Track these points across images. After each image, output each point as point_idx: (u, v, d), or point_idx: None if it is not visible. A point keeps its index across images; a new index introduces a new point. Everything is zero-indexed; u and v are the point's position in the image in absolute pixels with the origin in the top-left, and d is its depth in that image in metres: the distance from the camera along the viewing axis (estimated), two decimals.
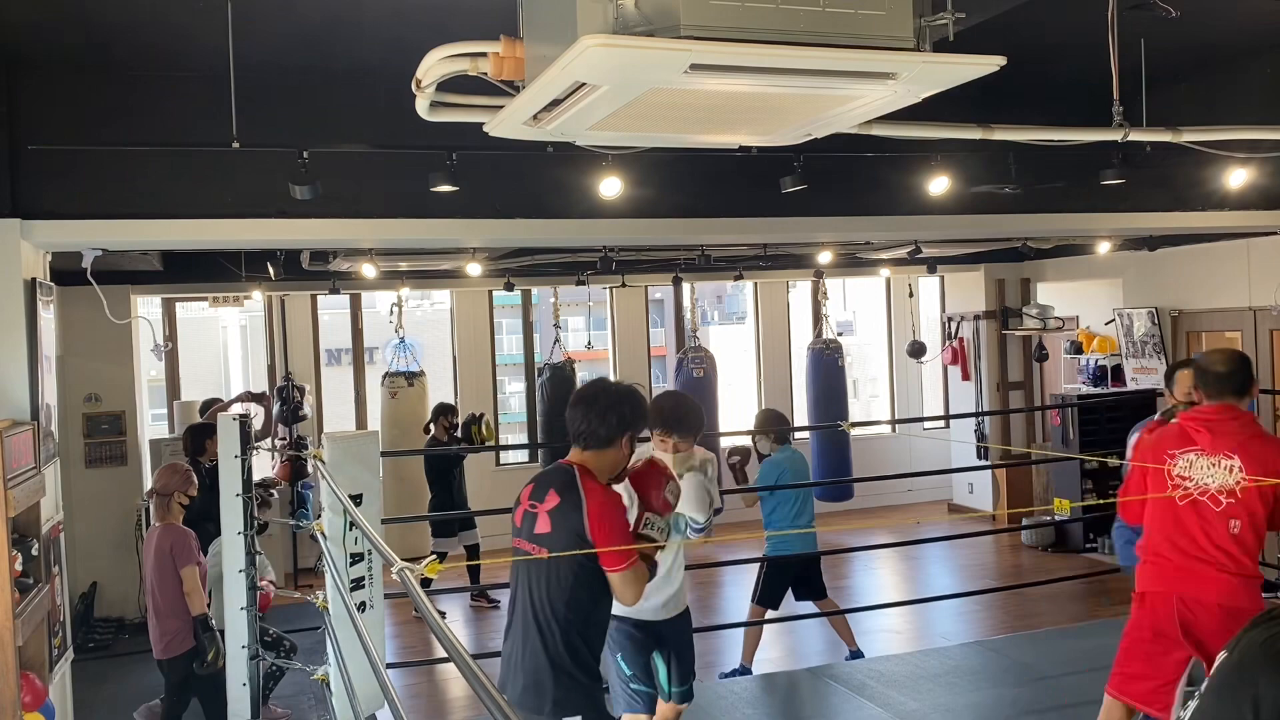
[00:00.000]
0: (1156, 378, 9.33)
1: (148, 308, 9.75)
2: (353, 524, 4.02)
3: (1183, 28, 4.65)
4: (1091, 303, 10.50)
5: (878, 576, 9.42)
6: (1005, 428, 11.13)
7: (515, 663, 3.18)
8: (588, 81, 2.27)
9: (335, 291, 9.44)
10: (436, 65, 2.72)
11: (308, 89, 5.23)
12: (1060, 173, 6.17)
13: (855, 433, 10.57)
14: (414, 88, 2.88)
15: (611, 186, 5.38)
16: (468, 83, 2.81)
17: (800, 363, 10.77)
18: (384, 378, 9.24)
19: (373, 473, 4.40)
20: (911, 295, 11.68)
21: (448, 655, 1.61)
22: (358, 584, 4.27)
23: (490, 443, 9.27)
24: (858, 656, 6.43)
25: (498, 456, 10.61)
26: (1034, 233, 8.09)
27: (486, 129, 2.84)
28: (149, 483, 7.19)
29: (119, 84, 5.03)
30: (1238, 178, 6.14)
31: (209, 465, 6.09)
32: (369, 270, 7.93)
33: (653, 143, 3.34)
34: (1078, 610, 7.85)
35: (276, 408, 9.12)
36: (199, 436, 6.61)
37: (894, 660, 6.24)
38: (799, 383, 11.25)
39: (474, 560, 8.33)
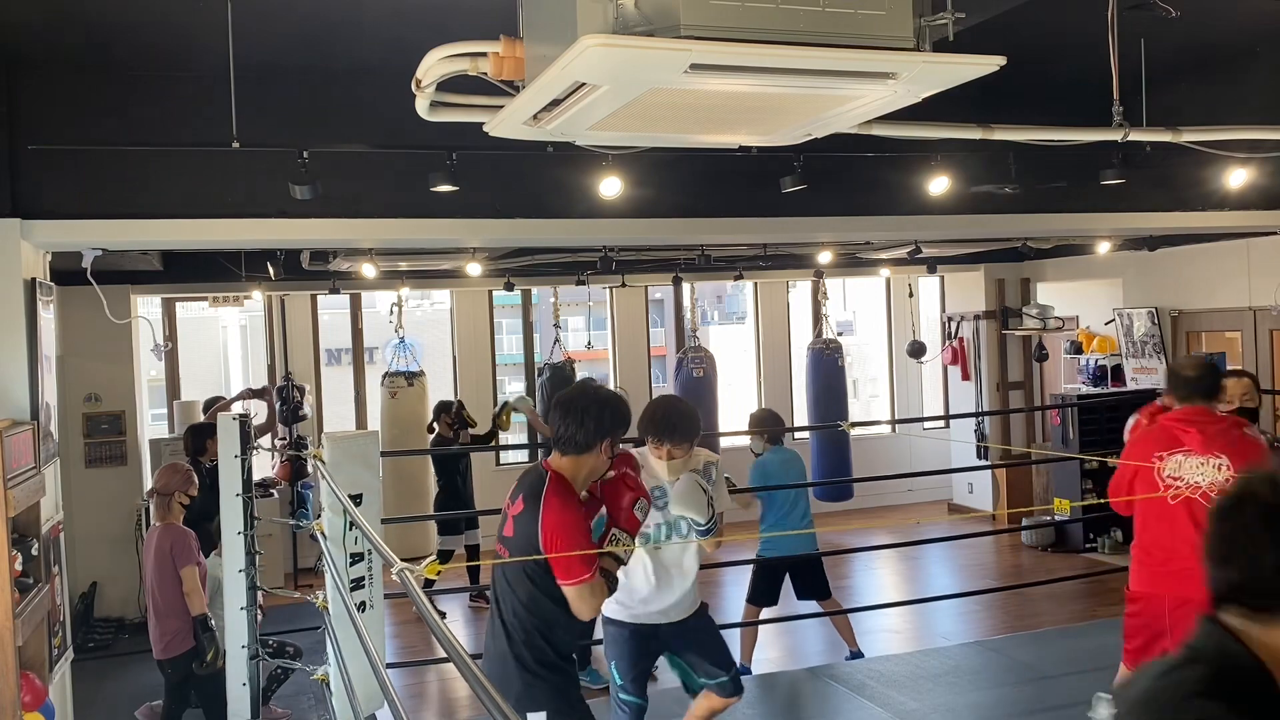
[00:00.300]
0: (1156, 378, 9.33)
1: (148, 308, 9.75)
2: (353, 524, 4.02)
3: (1183, 28, 4.65)
4: (1091, 303, 10.50)
5: (878, 576, 9.42)
6: (1005, 428, 11.13)
7: (487, 659, 3.25)
8: (588, 81, 2.27)
9: (335, 291, 9.44)
10: (436, 65, 2.73)
11: (308, 89, 5.24)
12: (1060, 173, 6.17)
13: (855, 433, 10.57)
14: (414, 88, 2.88)
15: (611, 186, 5.38)
16: (468, 83, 2.81)
17: (800, 363, 10.77)
18: (384, 378, 9.24)
19: (373, 473, 4.40)
20: (911, 295, 11.68)
21: (447, 655, 1.61)
22: (358, 584, 4.27)
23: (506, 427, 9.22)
24: (857, 657, 6.43)
25: (498, 456, 10.61)
26: (1034, 233, 8.09)
27: (486, 129, 2.84)
28: (149, 483, 7.20)
29: (119, 84, 5.03)
30: (1238, 178, 6.14)
31: (209, 465, 6.09)
32: (369, 270, 7.94)
33: (653, 143, 3.34)
34: (1078, 610, 7.85)
35: (278, 403, 9.10)
36: (199, 436, 6.62)
37: (894, 660, 6.24)
38: (799, 383, 11.25)
39: (475, 560, 8.34)
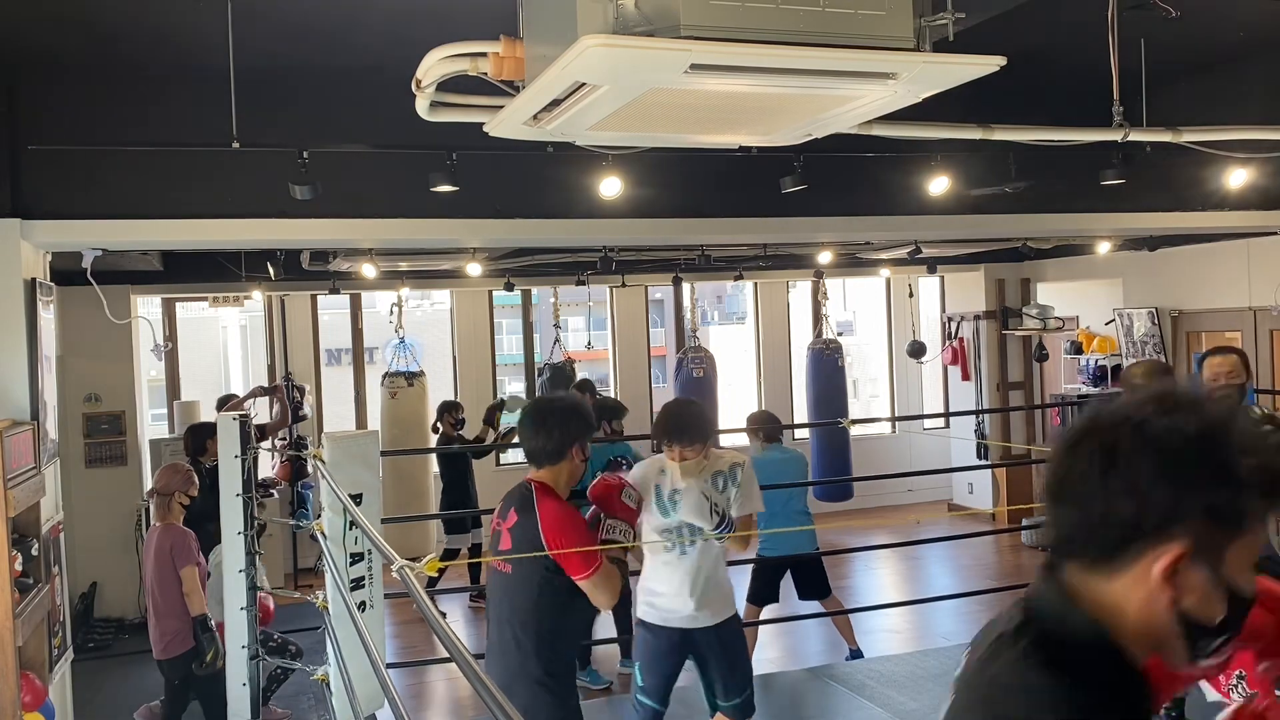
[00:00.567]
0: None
1: (148, 308, 9.75)
2: (353, 523, 4.02)
3: (1183, 28, 4.65)
4: (1091, 303, 10.49)
5: (878, 576, 9.42)
6: (1005, 427, 11.13)
7: (491, 675, 3.23)
8: (588, 81, 2.27)
9: (335, 291, 9.43)
10: (436, 65, 2.72)
11: (308, 89, 5.24)
12: (1060, 173, 6.16)
13: (855, 433, 10.57)
14: (414, 88, 2.88)
15: (611, 186, 5.38)
16: (468, 83, 2.81)
17: (800, 363, 10.77)
18: (384, 378, 9.23)
19: (373, 472, 4.40)
20: (911, 295, 11.67)
21: (448, 655, 1.61)
22: (358, 584, 4.27)
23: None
24: (857, 656, 6.42)
25: (498, 457, 10.60)
26: (1034, 233, 8.09)
27: (486, 129, 2.84)
28: (149, 483, 7.19)
29: (119, 84, 5.03)
30: (1238, 178, 6.14)
31: (210, 465, 6.08)
32: (369, 270, 7.93)
33: (653, 143, 3.34)
34: None
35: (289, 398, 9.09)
36: (199, 436, 6.61)
37: (894, 660, 6.24)
38: (799, 383, 11.25)
39: (476, 559, 8.33)
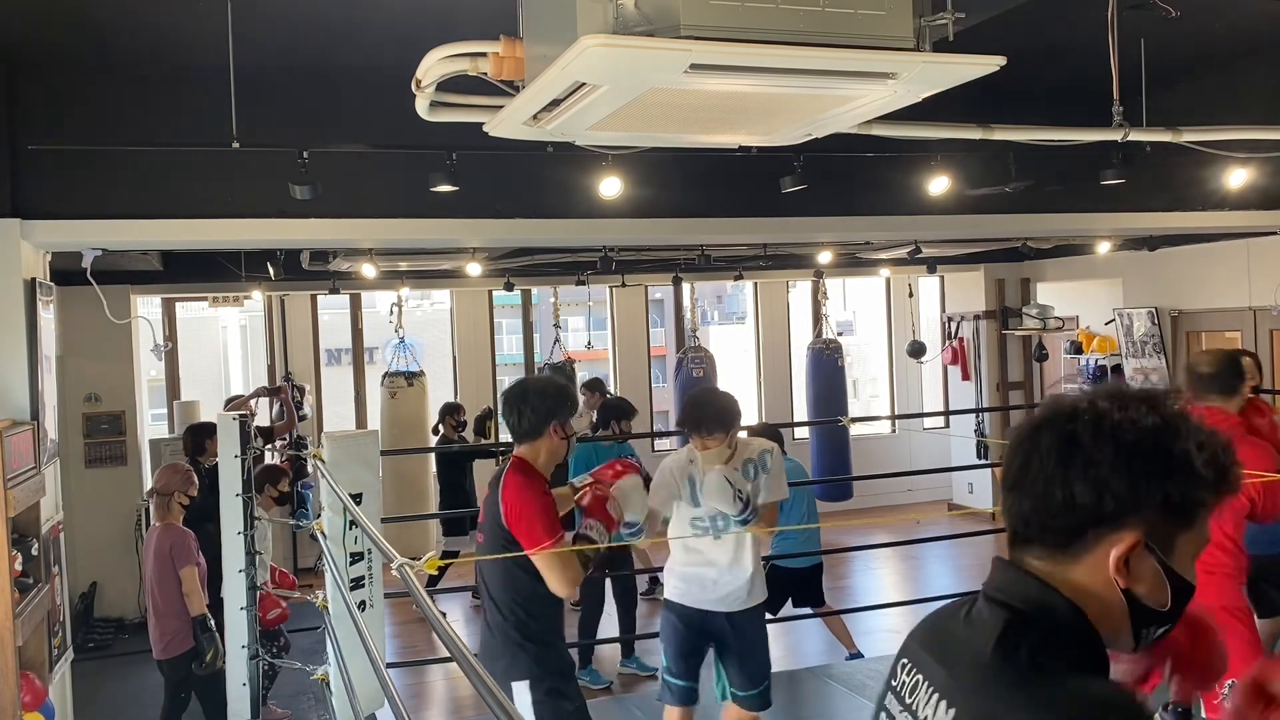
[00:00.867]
0: (1157, 378, 9.33)
1: (148, 308, 9.75)
2: (353, 523, 4.03)
3: (1183, 28, 4.65)
4: (1091, 303, 10.49)
5: (878, 576, 9.42)
6: (1005, 427, 11.12)
7: (481, 636, 3.53)
8: (588, 81, 2.27)
9: (335, 291, 9.43)
10: (436, 65, 2.72)
11: (308, 89, 5.23)
12: (1060, 173, 6.17)
13: (855, 432, 10.57)
14: (414, 88, 2.88)
15: (611, 186, 5.38)
16: (468, 83, 2.81)
17: (800, 363, 10.77)
18: (384, 378, 9.23)
19: (373, 472, 4.41)
20: (911, 295, 11.68)
21: (449, 655, 1.61)
22: (358, 583, 4.27)
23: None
24: (858, 658, 6.42)
25: (499, 459, 10.60)
26: (1034, 233, 8.09)
27: (486, 129, 2.83)
28: (149, 483, 7.19)
29: (118, 84, 5.03)
30: (1238, 178, 6.14)
31: (209, 465, 6.08)
32: (369, 270, 7.93)
33: (653, 143, 3.34)
34: None
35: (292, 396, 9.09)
36: (199, 436, 6.60)
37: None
38: (799, 383, 11.25)
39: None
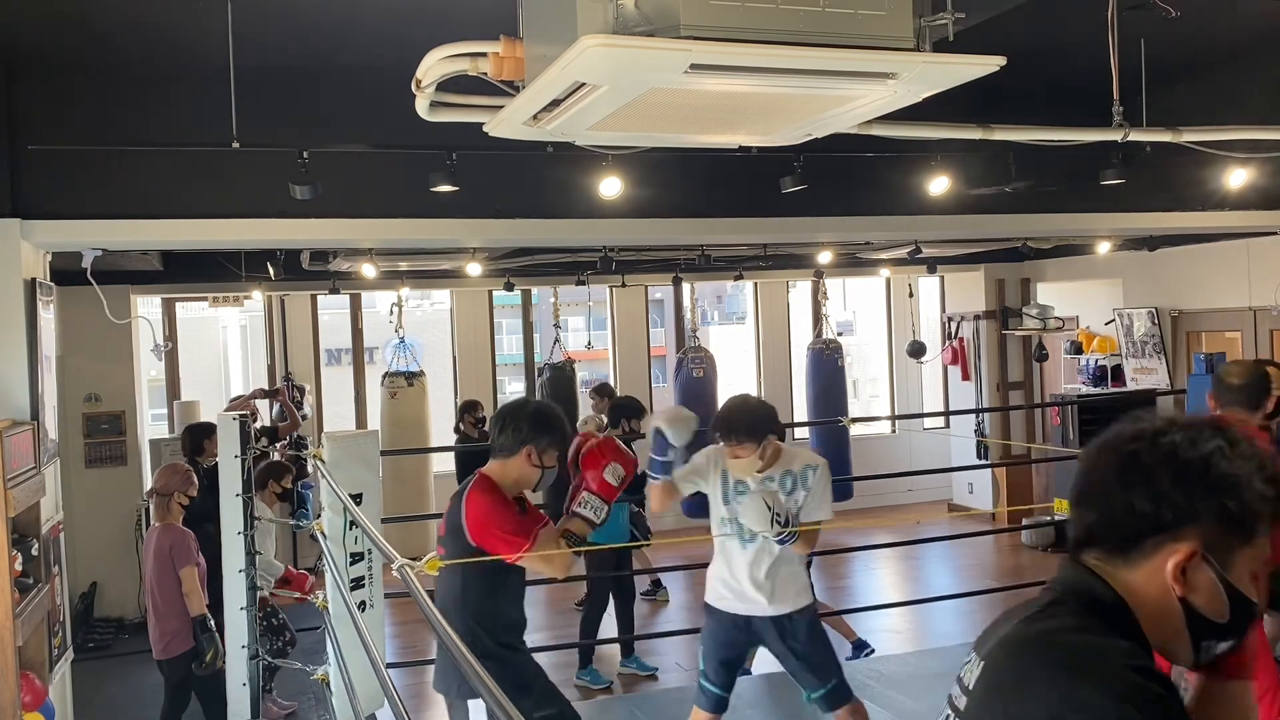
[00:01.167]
0: (1157, 378, 9.33)
1: (148, 308, 9.75)
2: (353, 523, 4.02)
3: (1183, 28, 4.65)
4: (1091, 303, 10.49)
5: (878, 576, 9.42)
6: (1005, 428, 11.13)
7: (439, 651, 3.58)
8: (588, 81, 2.27)
9: (335, 291, 9.43)
10: (436, 65, 2.72)
11: (308, 89, 5.23)
12: (1060, 173, 6.16)
13: (855, 432, 10.57)
14: (414, 88, 2.88)
15: (611, 186, 5.37)
16: (468, 83, 2.81)
17: (800, 363, 10.77)
18: (384, 378, 9.24)
19: (373, 472, 4.40)
20: (911, 295, 11.67)
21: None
22: (358, 583, 4.27)
23: None
24: (862, 647, 6.43)
25: None
26: (1034, 233, 8.09)
27: (486, 129, 2.83)
28: (149, 483, 7.19)
29: (119, 84, 5.03)
30: (1238, 178, 6.14)
31: (207, 465, 6.08)
32: (369, 270, 7.93)
33: (653, 143, 3.34)
34: None
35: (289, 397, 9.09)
36: (196, 436, 6.60)
37: (894, 660, 6.24)
38: (799, 383, 11.25)
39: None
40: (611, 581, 6.69)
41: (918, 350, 11.09)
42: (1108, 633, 1.26)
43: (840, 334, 11.76)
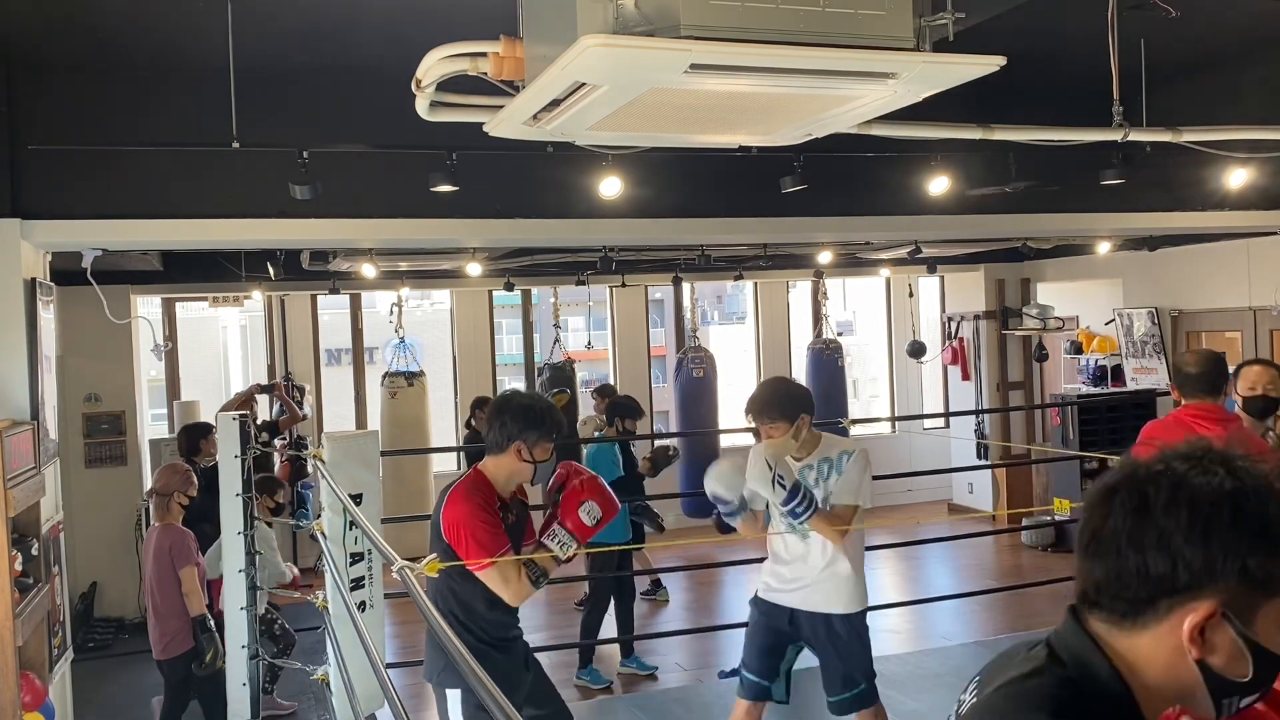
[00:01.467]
0: (1157, 378, 9.33)
1: (148, 308, 9.75)
2: (353, 523, 4.02)
3: (1183, 28, 4.65)
4: (1091, 303, 10.50)
5: (878, 576, 9.40)
6: (1005, 428, 11.13)
7: (427, 640, 3.56)
8: (588, 81, 2.27)
9: (335, 291, 9.43)
10: (436, 65, 2.72)
11: (308, 89, 5.23)
12: (1060, 173, 6.16)
13: (855, 433, 10.55)
14: (414, 88, 2.88)
15: (611, 186, 5.37)
16: (468, 83, 2.81)
17: (800, 363, 10.77)
18: (384, 378, 9.24)
19: (373, 472, 4.40)
20: (911, 295, 11.67)
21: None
22: (358, 584, 4.27)
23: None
24: None
25: None
26: (1034, 233, 8.09)
27: (486, 129, 2.83)
28: (149, 483, 7.19)
29: (119, 84, 5.03)
30: (1238, 178, 6.14)
31: (203, 466, 6.08)
32: (369, 270, 7.93)
33: (653, 143, 3.34)
34: None
35: (286, 393, 9.08)
36: (193, 436, 6.59)
37: (894, 660, 6.23)
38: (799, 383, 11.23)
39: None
40: (612, 582, 6.69)
41: (918, 350, 11.09)
42: (1072, 718, 1.19)
43: (840, 334, 11.75)
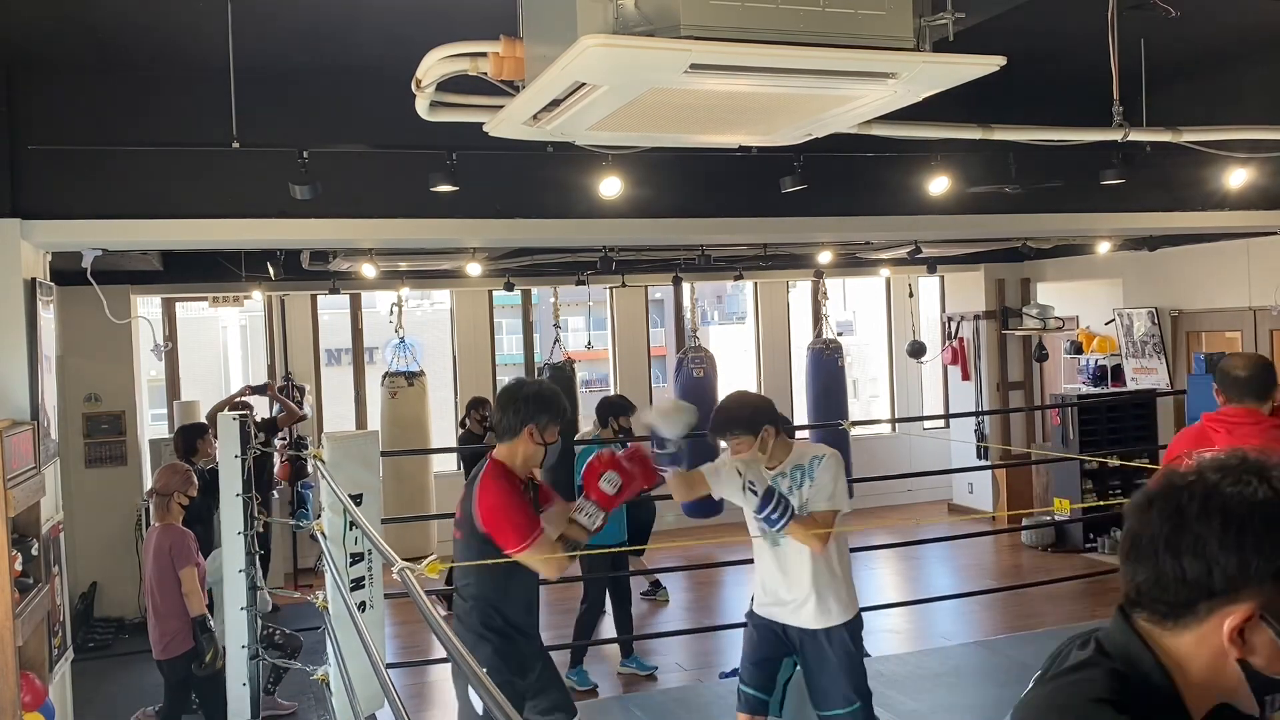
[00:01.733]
0: (1157, 378, 9.34)
1: (148, 308, 9.75)
2: (353, 524, 4.03)
3: (1183, 28, 4.65)
4: (1091, 303, 10.50)
5: (878, 576, 9.41)
6: (1005, 428, 11.13)
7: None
8: (588, 81, 2.27)
9: (335, 291, 9.43)
10: (436, 65, 2.72)
11: (308, 89, 5.23)
12: (1060, 173, 6.16)
13: (855, 432, 10.55)
14: (414, 88, 2.88)
15: (611, 186, 5.37)
16: (468, 83, 2.81)
17: (800, 363, 10.76)
18: (384, 378, 9.24)
19: (373, 472, 4.41)
20: (911, 295, 11.67)
21: (448, 655, 1.61)
22: (358, 584, 4.27)
23: None
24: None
25: None
26: (1034, 233, 8.09)
27: (486, 129, 2.84)
28: (149, 483, 7.19)
29: (119, 84, 5.03)
30: (1238, 178, 6.14)
31: (200, 466, 6.07)
32: (369, 270, 7.93)
33: (653, 143, 3.34)
34: (1078, 610, 7.84)
35: (281, 391, 9.07)
36: (190, 437, 6.58)
37: (894, 660, 6.23)
38: (799, 383, 11.24)
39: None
40: (608, 584, 6.68)
41: (918, 350, 11.09)
42: (1124, 710, 1.23)
43: (840, 334, 11.75)
